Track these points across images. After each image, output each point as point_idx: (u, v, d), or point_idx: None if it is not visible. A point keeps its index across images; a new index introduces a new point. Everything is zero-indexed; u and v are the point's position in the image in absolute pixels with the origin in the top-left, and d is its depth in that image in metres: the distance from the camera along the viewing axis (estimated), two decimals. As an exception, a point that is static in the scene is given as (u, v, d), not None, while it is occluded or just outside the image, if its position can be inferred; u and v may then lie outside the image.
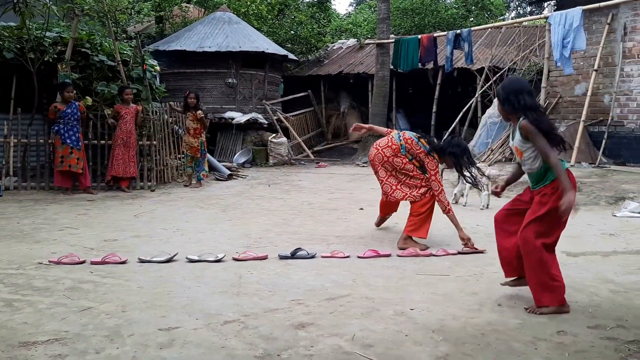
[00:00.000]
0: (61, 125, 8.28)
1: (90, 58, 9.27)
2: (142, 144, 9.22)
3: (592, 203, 7.43)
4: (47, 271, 4.23)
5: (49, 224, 6.11)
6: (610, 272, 4.29)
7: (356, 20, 24.60)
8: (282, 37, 16.98)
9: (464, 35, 11.87)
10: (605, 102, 10.38)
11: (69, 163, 8.25)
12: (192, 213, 6.99)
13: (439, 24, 19.53)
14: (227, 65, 13.93)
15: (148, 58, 10.29)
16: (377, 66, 14.17)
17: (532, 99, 3.46)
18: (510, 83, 3.56)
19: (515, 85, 3.52)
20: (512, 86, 3.51)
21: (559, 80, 11.33)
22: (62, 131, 8.27)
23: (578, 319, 3.26)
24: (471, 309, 3.46)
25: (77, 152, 8.30)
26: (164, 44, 14.02)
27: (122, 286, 3.89)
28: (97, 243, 5.22)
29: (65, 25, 9.84)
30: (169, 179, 9.77)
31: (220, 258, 4.62)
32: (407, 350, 2.84)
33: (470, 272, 4.31)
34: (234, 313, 3.35)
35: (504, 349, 2.85)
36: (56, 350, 2.79)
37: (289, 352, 2.81)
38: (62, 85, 8.37)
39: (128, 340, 2.92)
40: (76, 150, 8.28)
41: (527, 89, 3.49)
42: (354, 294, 3.77)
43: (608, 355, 2.77)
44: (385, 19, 14.11)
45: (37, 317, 3.25)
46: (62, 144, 8.23)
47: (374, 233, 5.80)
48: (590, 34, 10.39)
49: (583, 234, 5.71)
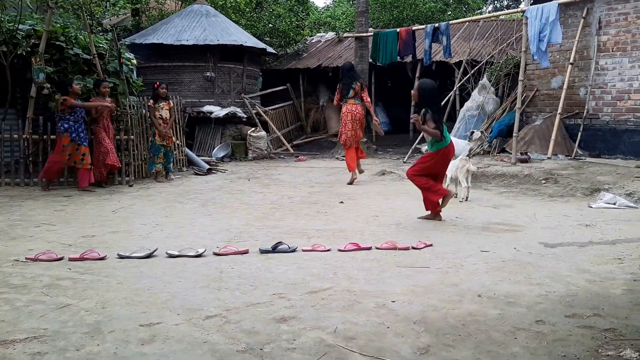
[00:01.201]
0: (71, 122, 8.08)
1: (65, 51, 9.10)
2: (119, 139, 9.10)
3: (568, 195, 7.56)
4: (24, 268, 4.16)
5: (24, 221, 6.01)
6: (586, 262, 4.37)
7: (335, 13, 24.57)
8: (261, 31, 16.88)
9: (442, 28, 11.93)
10: (580, 95, 10.54)
11: (74, 159, 8.10)
12: (171, 208, 6.93)
13: (417, 18, 19.59)
14: (205, 58, 13.81)
15: (124, 51, 10.13)
16: (355, 59, 14.16)
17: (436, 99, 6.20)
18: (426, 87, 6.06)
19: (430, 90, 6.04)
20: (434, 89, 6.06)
21: (536, 73, 11.47)
22: (72, 128, 8.08)
23: (556, 309, 3.32)
24: (451, 300, 3.50)
25: (83, 149, 8.14)
26: (140, 37, 13.83)
27: (102, 282, 3.84)
28: (75, 239, 5.15)
29: (38, 18, 9.63)
30: (147, 174, 9.66)
31: (200, 253, 4.59)
32: (389, 342, 2.86)
33: (450, 263, 4.35)
34: (215, 308, 3.34)
35: (484, 338, 2.89)
36: (35, 348, 2.74)
37: (271, 345, 2.81)
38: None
39: (109, 336, 2.89)
40: (82, 146, 8.13)
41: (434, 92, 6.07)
42: (335, 287, 3.78)
43: (585, 343, 2.83)
44: (364, 12, 14.12)
45: (14, 315, 3.20)
46: (70, 142, 8.05)
47: (354, 226, 5.82)
48: (566, 27, 10.53)
49: (560, 225, 5.80)
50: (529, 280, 3.88)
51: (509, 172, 8.92)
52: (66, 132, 8.08)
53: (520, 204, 7.14)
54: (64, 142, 8.07)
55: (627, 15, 9.90)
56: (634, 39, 9.81)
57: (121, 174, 9.00)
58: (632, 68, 9.85)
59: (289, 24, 17.02)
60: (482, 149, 11.33)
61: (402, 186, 8.69)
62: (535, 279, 3.91)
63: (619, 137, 10.00)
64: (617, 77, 10.03)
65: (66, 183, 8.61)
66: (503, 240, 5.13)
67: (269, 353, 2.72)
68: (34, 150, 8.75)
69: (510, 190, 8.10)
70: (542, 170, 8.72)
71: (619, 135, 10.02)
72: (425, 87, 6.00)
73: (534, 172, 8.72)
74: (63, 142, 8.08)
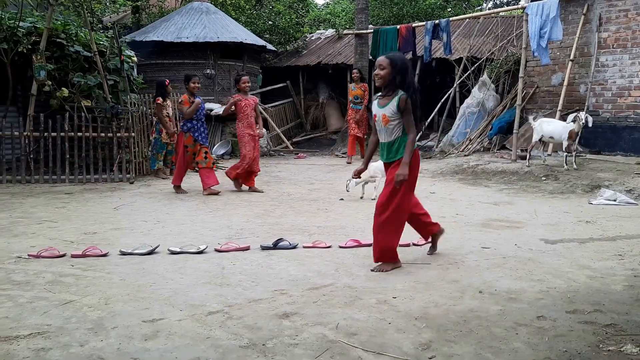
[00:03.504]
0: (194, 121, 7.69)
1: (65, 49, 9.12)
2: (120, 136, 9.10)
3: (568, 191, 7.57)
4: (26, 265, 4.17)
5: (26, 218, 6.02)
6: (587, 258, 4.39)
7: (334, 10, 24.52)
8: (260, 28, 16.87)
9: (442, 25, 11.93)
10: (581, 91, 10.54)
11: (197, 159, 7.78)
12: (173, 205, 6.94)
13: (417, 14, 19.55)
14: (205, 56, 13.81)
15: (125, 49, 10.15)
16: (355, 56, 14.17)
17: (414, 78, 4.14)
18: (405, 59, 4.07)
19: (407, 63, 4.07)
20: (406, 63, 4.05)
21: (536, 70, 11.47)
22: (195, 127, 7.71)
23: (557, 305, 3.34)
24: (453, 296, 3.51)
25: (205, 148, 7.84)
26: (140, 34, 13.82)
27: (104, 279, 3.86)
28: (77, 236, 5.16)
29: (39, 15, 9.65)
30: (148, 171, 9.68)
31: (202, 249, 4.60)
32: (391, 338, 2.87)
33: (450, 260, 4.36)
34: (217, 304, 3.35)
35: (485, 334, 2.90)
36: (39, 344, 2.76)
37: (273, 341, 2.82)
38: (188, 78, 7.87)
39: (112, 332, 2.90)
40: (205, 146, 7.85)
41: (411, 69, 4.13)
42: (336, 283, 3.79)
43: (586, 338, 2.84)
44: (364, 9, 14.11)
45: (18, 311, 3.21)
46: (194, 142, 7.70)
47: (355, 223, 5.83)
48: (566, 24, 10.53)
49: (560, 221, 5.82)
50: (530, 277, 3.89)
51: (509, 169, 8.93)
52: (189, 131, 7.69)
53: (520, 200, 7.15)
54: (187, 142, 7.70)
55: (627, 11, 9.90)
56: (634, 36, 9.81)
57: (122, 171, 9.01)
58: (632, 65, 9.85)
59: (289, 21, 17.01)
60: (482, 146, 11.33)
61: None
62: (536, 275, 3.92)
63: (619, 134, 10.01)
64: (618, 73, 10.04)
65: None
66: (504, 236, 5.15)
67: (272, 349, 2.73)
68: (34, 148, 8.75)
69: (511, 187, 8.11)
70: (542, 167, 8.73)
71: (619, 132, 10.02)
72: (399, 59, 4.00)
73: (534, 168, 8.73)
74: (186, 142, 7.70)
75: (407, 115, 3.95)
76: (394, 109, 3.96)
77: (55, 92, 8.94)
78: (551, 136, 8.74)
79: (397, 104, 3.94)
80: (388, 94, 4.02)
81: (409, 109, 3.93)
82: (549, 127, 8.72)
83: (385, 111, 4.01)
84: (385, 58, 4.00)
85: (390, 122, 4.00)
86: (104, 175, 8.91)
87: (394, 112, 3.96)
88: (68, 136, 8.73)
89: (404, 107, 3.93)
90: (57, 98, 8.98)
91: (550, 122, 8.87)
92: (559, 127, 8.60)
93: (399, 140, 4.02)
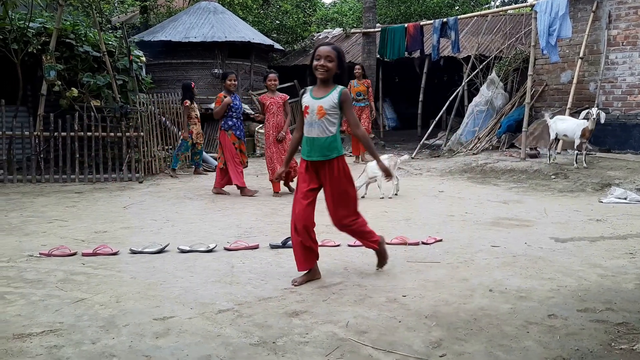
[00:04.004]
0: (234, 119, 7.62)
1: (75, 49, 9.17)
2: (129, 135, 9.15)
3: (578, 190, 7.53)
4: (38, 263, 4.20)
5: (37, 217, 6.07)
6: (598, 256, 4.36)
7: (342, 9, 24.50)
8: (268, 27, 16.89)
9: (450, 23, 11.89)
10: (590, 89, 10.48)
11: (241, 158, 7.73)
12: (182, 204, 6.97)
13: (424, 13, 19.53)
14: (213, 55, 13.84)
15: (134, 49, 10.20)
16: (363, 55, 14.16)
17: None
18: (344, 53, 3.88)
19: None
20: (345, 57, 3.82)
21: (545, 68, 11.41)
22: (236, 125, 7.64)
23: (568, 303, 3.32)
24: (463, 294, 3.50)
25: (244, 146, 7.82)
26: (149, 34, 13.88)
27: (115, 277, 3.88)
28: (88, 235, 5.19)
29: (49, 16, 9.71)
30: (157, 171, 9.72)
31: (211, 248, 4.62)
32: (401, 336, 2.87)
33: (460, 259, 4.35)
34: (227, 302, 3.36)
35: (496, 333, 2.90)
36: (52, 341, 2.78)
37: (284, 339, 2.82)
38: (224, 75, 7.83)
39: (123, 330, 2.92)
40: (243, 144, 7.81)
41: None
42: (346, 281, 3.79)
43: (598, 337, 2.83)
44: (372, 8, 14.09)
45: (30, 309, 3.24)
46: (238, 139, 7.65)
47: (364, 221, 5.81)
48: (575, 21, 10.47)
49: (570, 220, 5.79)
50: (541, 275, 3.88)
51: (519, 168, 8.90)
52: (230, 129, 7.61)
53: (530, 199, 7.12)
54: (231, 139, 7.62)
55: (637, 9, 9.83)
56: (645, 33, 9.75)
57: (131, 171, 9.05)
58: (642, 62, 9.79)
59: (296, 20, 17.02)
60: (491, 144, 11.29)
61: (411, 181, 8.68)
62: (546, 274, 3.90)
63: (630, 132, 9.94)
64: (628, 71, 9.97)
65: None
66: (513, 235, 5.13)
67: (282, 346, 2.74)
68: (45, 147, 8.81)
69: (520, 186, 8.07)
70: (551, 165, 8.69)
71: (629, 129, 9.95)
72: (342, 53, 3.79)
73: (543, 167, 8.69)
74: (231, 139, 7.61)
75: (350, 110, 3.70)
76: (333, 103, 3.65)
77: (64, 92, 9.00)
78: (565, 134, 8.68)
79: (339, 98, 3.64)
80: (326, 87, 3.71)
81: (350, 104, 3.71)
82: (563, 125, 8.67)
83: (322, 103, 3.66)
84: (333, 49, 3.69)
85: (326, 115, 3.65)
86: (113, 174, 8.95)
87: (333, 106, 3.65)
88: (78, 136, 8.79)
89: (345, 101, 3.65)
90: (66, 98, 9.04)
91: (564, 120, 8.82)
92: (573, 125, 8.54)
93: (332, 137, 3.67)
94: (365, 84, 10.86)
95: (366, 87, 10.85)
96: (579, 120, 8.51)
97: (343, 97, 3.65)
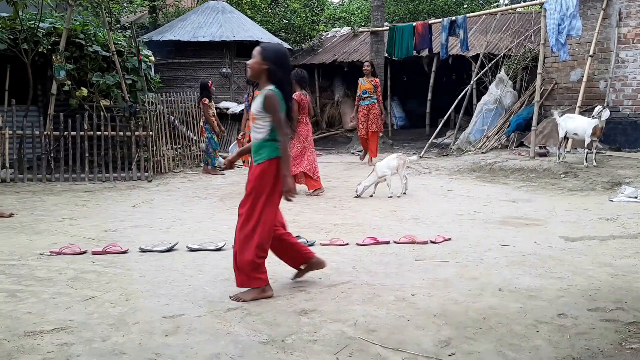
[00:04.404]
0: None
1: (84, 49, 9.23)
2: (138, 135, 9.19)
3: (588, 188, 7.48)
4: (48, 262, 4.24)
5: (47, 215, 6.11)
6: (608, 255, 4.33)
7: (350, 8, 24.49)
8: (276, 26, 16.89)
9: (459, 22, 11.83)
10: (600, 88, 10.40)
11: None
12: (190, 203, 6.99)
13: (433, 11, 19.47)
14: (221, 54, 13.88)
15: (142, 48, 10.25)
16: (371, 54, 14.12)
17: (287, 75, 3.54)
18: (279, 51, 3.54)
19: (282, 56, 3.50)
20: (281, 56, 3.49)
21: (554, 66, 11.33)
22: None
23: (578, 302, 3.30)
24: (472, 293, 3.49)
25: None
26: (157, 34, 13.94)
27: (125, 275, 3.91)
28: (97, 233, 5.23)
29: (58, 16, 9.77)
30: (166, 170, 9.76)
31: (220, 247, 4.63)
32: (410, 335, 2.87)
33: (469, 257, 4.34)
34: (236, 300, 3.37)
35: (505, 332, 2.89)
36: (62, 339, 2.80)
37: (292, 337, 2.83)
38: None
39: (133, 328, 2.94)
40: None
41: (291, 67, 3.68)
42: (354, 280, 3.79)
43: (608, 336, 2.81)
44: (380, 7, 14.06)
45: (41, 307, 3.26)
46: None
47: (372, 221, 5.82)
48: (585, 19, 10.38)
49: (580, 219, 5.75)
50: (550, 274, 3.86)
51: (528, 167, 8.85)
52: None
53: (539, 198, 7.08)
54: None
55: (648, 6, 9.74)
56: (656, 31, 9.66)
57: (140, 170, 9.09)
58: (653, 60, 9.70)
59: (304, 19, 17.01)
60: (500, 143, 11.24)
61: (419, 180, 8.66)
62: (556, 273, 3.88)
63: (640, 131, 9.86)
64: (638, 69, 9.87)
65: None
66: (523, 234, 5.10)
67: (291, 345, 2.75)
68: (55, 147, 8.87)
69: (529, 185, 8.03)
70: (561, 164, 8.64)
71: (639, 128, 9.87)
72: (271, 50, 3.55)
73: (553, 165, 8.64)
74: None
75: (274, 115, 3.35)
76: (259, 107, 3.39)
77: (74, 92, 9.05)
78: (575, 132, 8.61)
79: (262, 102, 3.37)
80: (261, 90, 3.46)
81: (274, 107, 3.33)
82: (573, 124, 8.59)
83: (253, 107, 3.47)
84: (258, 47, 3.53)
85: (255, 120, 3.44)
86: (122, 173, 8.99)
87: (259, 110, 3.39)
88: (87, 135, 8.84)
89: (269, 105, 3.35)
90: (76, 97, 9.10)
91: (574, 118, 8.75)
92: (583, 123, 8.47)
93: (262, 142, 3.43)
94: (374, 82, 10.49)
95: (374, 86, 10.48)
96: (589, 118, 8.44)
97: (266, 100, 3.36)
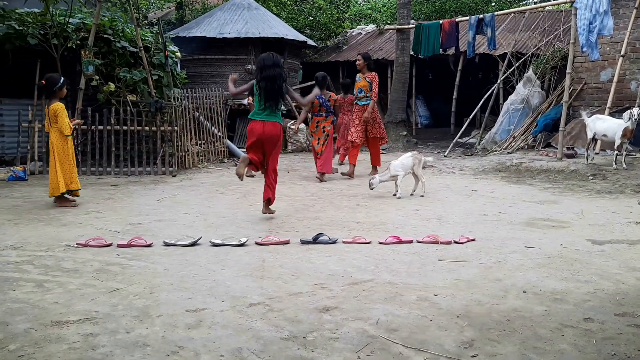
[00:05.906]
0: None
1: (112, 44, 9.35)
2: (163, 130, 9.29)
3: (617, 191, 7.32)
4: (75, 253, 4.31)
5: (74, 208, 6.21)
6: (636, 260, 4.23)
7: (376, 5, 24.35)
8: (301, 23, 16.91)
9: (487, 20, 11.68)
10: (631, 88, 10.18)
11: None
12: (214, 198, 7.05)
13: (460, 9, 19.25)
14: (247, 51, 13.92)
15: (169, 44, 10.35)
16: (397, 52, 14.05)
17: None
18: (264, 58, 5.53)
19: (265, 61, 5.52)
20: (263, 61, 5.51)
21: (584, 66, 11.12)
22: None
23: (605, 307, 3.24)
24: (496, 295, 3.45)
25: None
26: (184, 30, 14.06)
27: (149, 268, 3.95)
28: (123, 226, 5.30)
29: (87, 12, 9.93)
30: (190, 165, 9.85)
31: (243, 242, 4.66)
32: (432, 335, 2.84)
33: (493, 259, 4.28)
34: (258, 296, 3.38)
35: (530, 335, 2.84)
36: (88, 329, 2.85)
37: (314, 334, 2.83)
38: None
39: (157, 320, 2.97)
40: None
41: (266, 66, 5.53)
42: (376, 279, 3.78)
43: (636, 342, 2.75)
44: (406, 4, 13.96)
45: (67, 297, 3.32)
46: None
47: (394, 219, 5.79)
48: (617, 18, 10.16)
49: (609, 222, 5.63)
50: (576, 277, 3.79)
51: (555, 168, 8.71)
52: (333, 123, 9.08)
53: (566, 200, 6.96)
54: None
55: (682, 5, 9.49)
56: (690, 30, 9.40)
57: (165, 164, 9.19)
58: (687, 60, 9.45)
59: (330, 16, 16.99)
60: (526, 143, 11.08)
61: (443, 180, 8.59)
62: (582, 276, 3.81)
63: (672, 133, 9.61)
64: (671, 70, 9.64)
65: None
66: (548, 236, 5.02)
67: (312, 341, 2.75)
68: (82, 141, 9.02)
69: (556, 186, 7.90)
70: (589, 166, 8.48)
71: (671, 130, 9.62)
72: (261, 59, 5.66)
73: (580, 167, 8.49)
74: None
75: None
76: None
77: (102, 87, 9.19)
78: (604, 134, 8.44)
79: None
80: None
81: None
82: (602, 125, 8.42)
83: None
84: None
85: None
86: (147, 168, 9.11)
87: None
88: (114, 129, 8.97)
89: None
90: (104, 92, 9.23)
91: (604, 120, 8.57)
92: (614, 125, 8.29)
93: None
94: (369, 78, 9.08)
95: (369, 82, 9.03)
96: (620, 120, 8.26)
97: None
